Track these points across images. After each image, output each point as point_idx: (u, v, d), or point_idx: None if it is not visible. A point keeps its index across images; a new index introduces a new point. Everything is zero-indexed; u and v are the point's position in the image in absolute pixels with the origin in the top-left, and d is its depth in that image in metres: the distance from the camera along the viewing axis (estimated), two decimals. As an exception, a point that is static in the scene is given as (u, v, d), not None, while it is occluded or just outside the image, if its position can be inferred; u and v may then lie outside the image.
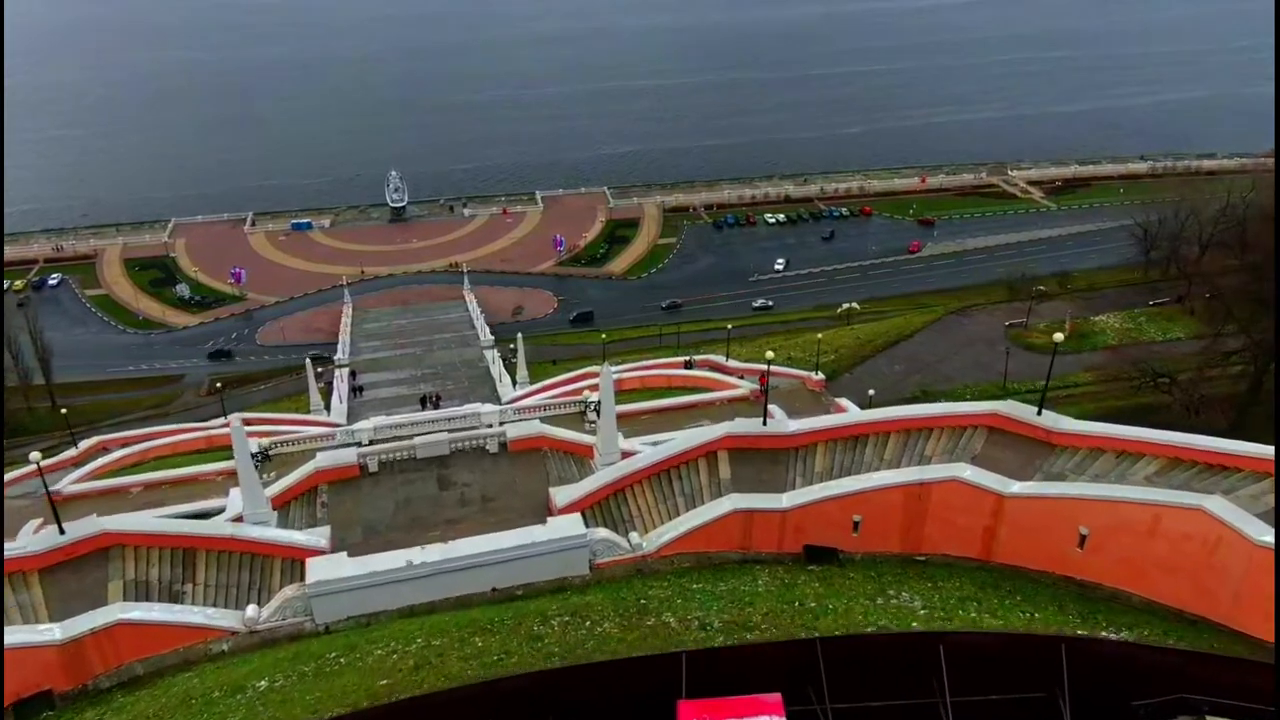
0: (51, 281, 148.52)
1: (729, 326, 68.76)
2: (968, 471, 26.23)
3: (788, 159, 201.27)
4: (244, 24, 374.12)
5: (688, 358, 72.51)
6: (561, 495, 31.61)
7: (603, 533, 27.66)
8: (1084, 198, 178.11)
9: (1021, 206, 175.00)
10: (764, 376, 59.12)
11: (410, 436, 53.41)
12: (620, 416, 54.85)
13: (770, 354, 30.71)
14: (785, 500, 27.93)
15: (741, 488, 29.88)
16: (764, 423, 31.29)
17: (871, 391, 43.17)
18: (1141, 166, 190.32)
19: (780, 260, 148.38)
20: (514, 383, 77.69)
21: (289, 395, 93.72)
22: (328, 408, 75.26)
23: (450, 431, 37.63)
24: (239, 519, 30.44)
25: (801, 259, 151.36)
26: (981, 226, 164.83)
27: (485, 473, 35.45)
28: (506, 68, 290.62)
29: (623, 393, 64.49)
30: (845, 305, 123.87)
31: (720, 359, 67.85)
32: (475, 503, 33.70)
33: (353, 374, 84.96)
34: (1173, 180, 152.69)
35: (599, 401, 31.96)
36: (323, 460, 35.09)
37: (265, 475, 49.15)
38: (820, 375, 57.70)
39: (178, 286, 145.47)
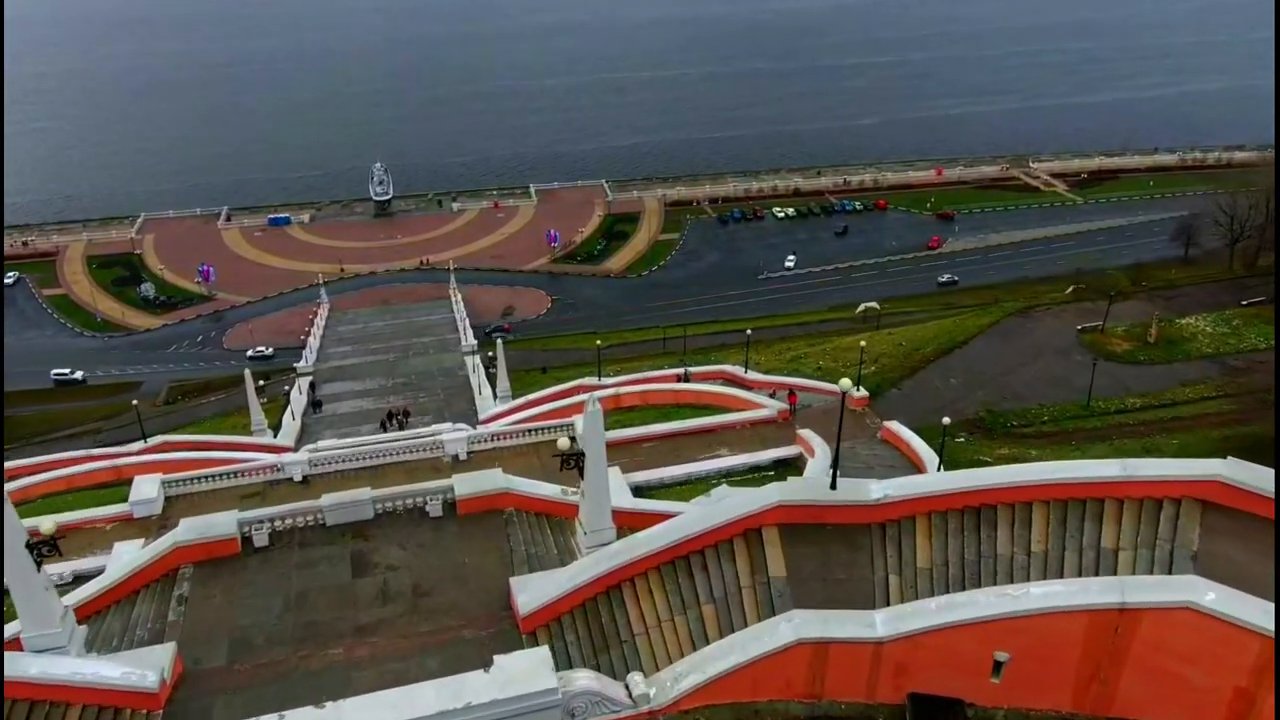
0: (7, 280, 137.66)
1: (748, 331, 57.68)
2: (1210, 595, 15.48)
3: (796, 151, 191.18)
4: (232, 15, 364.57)
5: (683, 369, 61.42)
6: (528, 593, 20.93)
7: (584, 681, 16.92)
8: (1111, 190, 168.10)
9: (1045, 200, 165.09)
10: (793, 394, 48.48)
11: (354, 470, 42.97)
12: (616, 445, 44.21)
13: (846, 382, 19.90)
14: (881, 624, 17.24)
15: (803, 591, 19.20)
16: (833, 484, 20.58)
17: (947, 420, 32.60)
18: (1170, 158, 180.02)
19: (791, 257, 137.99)
20: (494, 395, 66.96)
21: (242, 408, 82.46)
22: (275, 427, 64.54)
23: (377, 482, 26.83)
24: (15, 642, 19.73)
25: (813, 255, 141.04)
26: (1004, 221, 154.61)
27: (422, 548, 24.70)
28: (504, 60, 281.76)
29: (621, 411, 53.83)
30: (865, 305, 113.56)
31: (737, 370, 57.00)
32: (402, 597, 22.98)
33: (313, 385, 74.18)
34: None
35: (581, 454, 21.11)
36: (184, 531, 24.29)
37: (160, 528, 38.63)
38: (863, 391, 47.00)
39: (141, 286, 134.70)
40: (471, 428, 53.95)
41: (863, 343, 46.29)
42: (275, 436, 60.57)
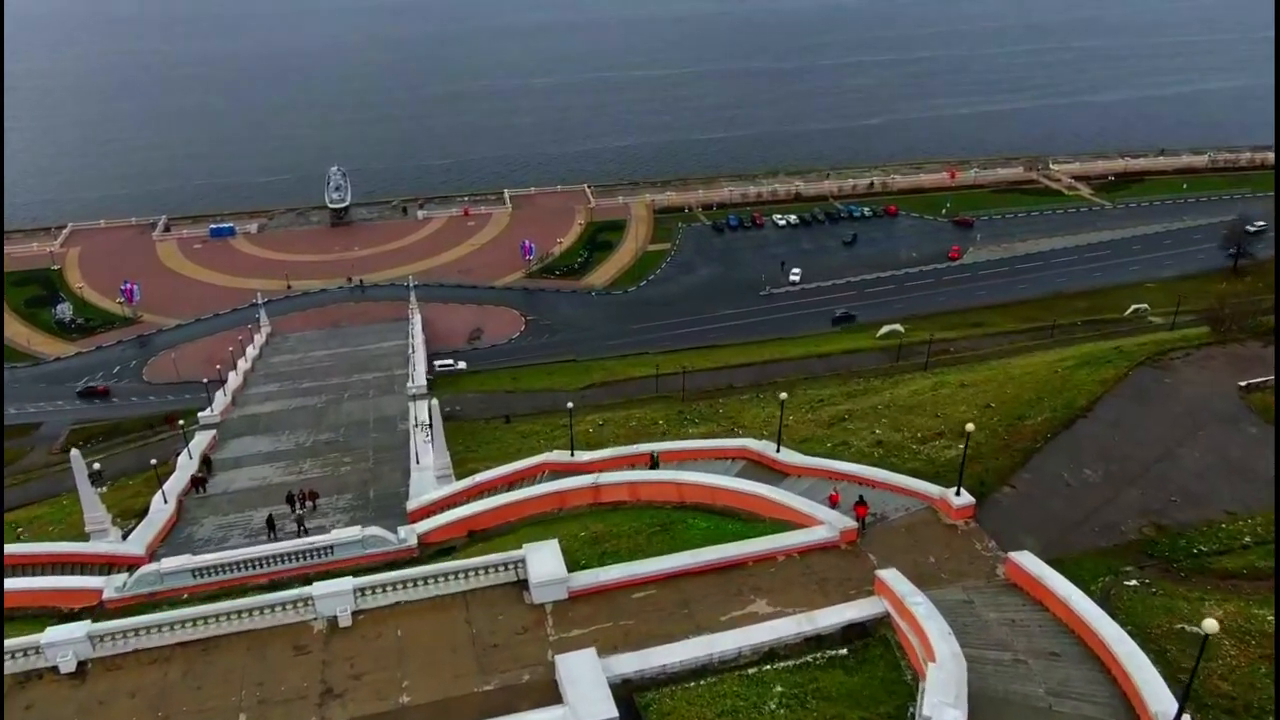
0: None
1: (782, 395, 40.32)
2: None
3: (796, 152, 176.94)
4: (205, 14, 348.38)
5: (652, 450, 43.32)
6: None
7: None
8: (1140, 193, 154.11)
9: (1070, 204, 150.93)
10: (862, 502, 32.30)
11: (170, 646, 26.74)
12: (591, 594, 28.25)
13: None
14: None
15: None
16: None
17: (1211, 631, 16.15)
18: (1199, 159, 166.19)
19: (796, 270, 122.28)
20: (434, 468, 50.28)
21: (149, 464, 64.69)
22: (142, 512, 47.89)
23: None
24: None
25: (820, 267, 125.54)
26: (1028, 227, 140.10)
27: None
28: (489, 60, 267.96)
29: (601, 509, 37.61)
30: (888, 328, 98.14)
31: (765, 448, 40.04)
32: None
33: (206, 459, 56.46)
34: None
35: None
36: None
37: None
38: (965, 497, 31.28)
39: (57, 307, 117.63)
40: (391, 534, 37.95)
41: (970, 426, 29.33)
42: (125, 537, 43.92)
